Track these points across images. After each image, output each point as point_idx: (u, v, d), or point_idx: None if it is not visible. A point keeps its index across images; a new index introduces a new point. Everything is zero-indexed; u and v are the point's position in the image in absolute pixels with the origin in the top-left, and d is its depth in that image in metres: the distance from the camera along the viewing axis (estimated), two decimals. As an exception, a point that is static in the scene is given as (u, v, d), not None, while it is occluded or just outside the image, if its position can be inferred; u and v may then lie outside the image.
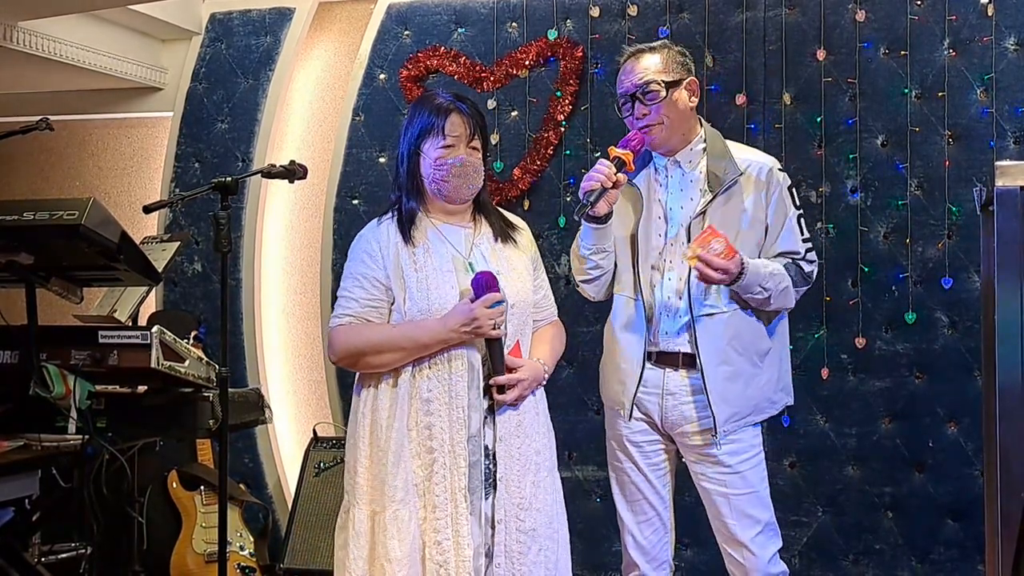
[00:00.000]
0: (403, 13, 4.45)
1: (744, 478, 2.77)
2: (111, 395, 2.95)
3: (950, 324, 3.81)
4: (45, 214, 2.55)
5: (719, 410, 2.70)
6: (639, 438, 2.83)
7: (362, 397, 2.52)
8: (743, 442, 2.77)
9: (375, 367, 2.47)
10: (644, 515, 2.86)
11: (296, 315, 4.69)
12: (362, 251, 2.55)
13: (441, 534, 2.40)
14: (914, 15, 3.84)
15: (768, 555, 2.78)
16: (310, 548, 4.17)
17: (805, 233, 2.80)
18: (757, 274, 2.66)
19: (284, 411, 4.66)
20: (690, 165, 2.81)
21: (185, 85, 4.72)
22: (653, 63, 2.76)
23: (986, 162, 3.72)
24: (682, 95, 2.77)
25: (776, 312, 2.80)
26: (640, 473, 2.84)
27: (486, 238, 2.59)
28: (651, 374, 2.78)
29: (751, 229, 2.75)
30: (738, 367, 2.73)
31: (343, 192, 4.50)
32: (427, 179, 2.52)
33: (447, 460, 2.42)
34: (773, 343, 2.81)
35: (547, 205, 4.23)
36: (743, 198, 2.75)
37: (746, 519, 2.76)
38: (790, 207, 2.78)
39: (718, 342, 2.71)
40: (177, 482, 4.16)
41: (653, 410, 2.79)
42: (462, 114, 2.51)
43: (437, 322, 2.43)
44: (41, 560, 3.79)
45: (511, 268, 2.57)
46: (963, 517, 3.78)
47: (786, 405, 2.88)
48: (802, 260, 2.77)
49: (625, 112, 2.80)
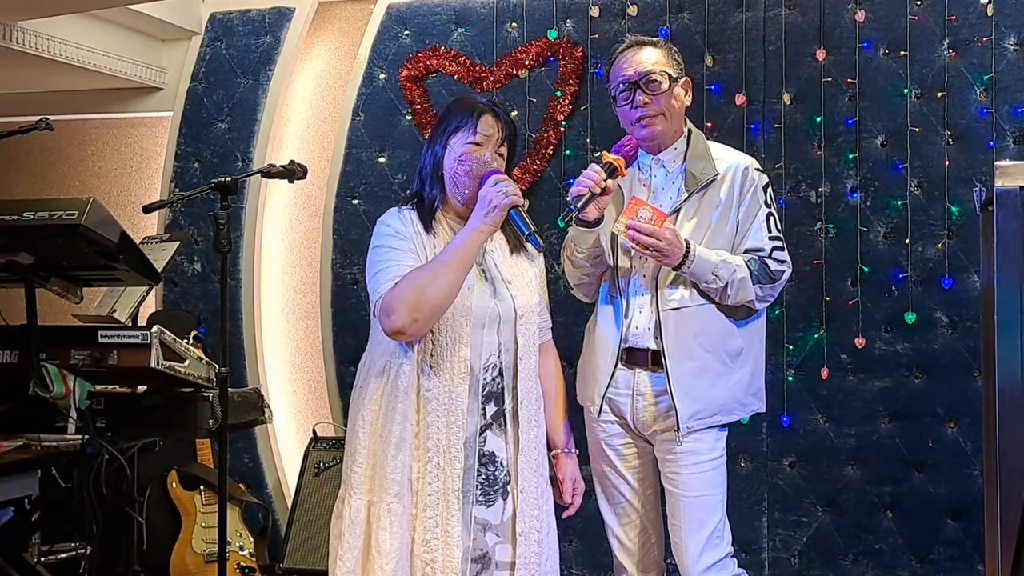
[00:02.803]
0: (403, 13, 4.45)
1: (698, 479, 2.72)
2: (111, 395, 2.96)
3: (950, 324, 3.81)
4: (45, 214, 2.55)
5: (682, 406, 2.67)
6: (615, 441, 2.83)
7: (366, 387, 2.51)
8: (704, 442, 2.73)
9: (441, 301, 2.37)
10: (627, 517, 2.84)
11: (296, 315, 4.69)
12: (389, 232, 2.49)
13: (430, 533, 2.40)
14: (914, 15, 3.84)
15: (709, 562, 2.71)
16: (310, 548, 4.17)
17: (774, 231, 2.75)
18: (707, 260, 2.64)
19: (284, 411, 4.66)
20: (673, 164, 2.80)
21: (185, 85, 4.72)
22: (657, 55, 2.74)
23: (986, 162, 3.73)
24: (680, 91, 2.77)
25: (748, 311, 2.77)
26: (619, 475, 2.83)
27: (500, 247, 2.58)
28: (622, 375, 2.76)
29: (722, 226, 2.74)
30: (704, 363, 2.70)
31: (343, 192, 4.50)
32: (448, 173, 2.50)
33: (441, 461, 2.41)
34: (746, 343, 2.77)
35: (547, 205, 4.24)
36: (718, 197, 2.74)
37: (693, 522, 2.72)
38: (761, 206, 2.75)
39: (683, 337, 2.69)
40: (177, 482, 4.16)
41: (626, 411, 2.78)
42: (497, 117, 2.49)
43: (464, 228, 2.42)
44: (40, 560, 3.79)
45: (522, 278, 2.56)
46: (962, 517, 3.78)
47: (755, 411, 2.83)
48: (768, 258, 2.72)
49: (622, 101, 2.75)
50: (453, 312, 2.43)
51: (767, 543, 3.95)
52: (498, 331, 2.49)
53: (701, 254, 2.65)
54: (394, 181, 4.42)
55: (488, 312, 2.47)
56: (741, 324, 2.77)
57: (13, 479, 2.98)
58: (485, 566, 2.46)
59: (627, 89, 2.73)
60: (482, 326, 2.47)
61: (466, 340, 2.44)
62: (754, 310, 2.77)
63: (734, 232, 2.75)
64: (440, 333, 2.44)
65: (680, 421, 2.67)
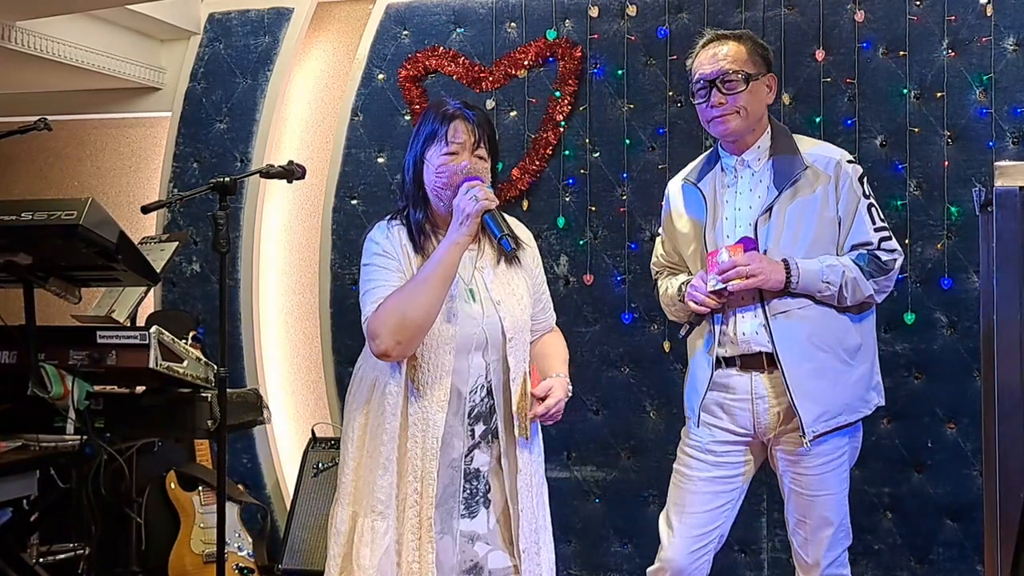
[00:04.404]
0: (402, 13, 4.45)
1: (823, 480, 2.73)
2: (109, 395, 2.96)
3: (949, 324, 3.81)
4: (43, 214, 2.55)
5: (804, 409, 2.61)
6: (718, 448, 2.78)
7: (358, 397, 2.51)
8: (829, 443, 2.71)
9: (421, 321, 2.35)
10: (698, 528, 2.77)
11: (295, 315, 4.69)
12: (377, 250, 2.48)
13: (411, 556, 2.40)
14: (913, 15, 3.84)
15: (834, 556, 2.79)
16: (308, 549, 4.17)
17: (878, 222, 2.70)
18: (811, 271, 2.62)
19: (283, 411, 4.66)
20: (758, 163, 2.75)
21: (183, 85, 4.72)
22: (737, 51, 2.70)
23: (985, 162, 3.72)
24: (761, 89, 2.72)
25: (862, 305, 2.71)
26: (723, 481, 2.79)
27: (489, 262, 2.52)
28: (739, 380, 2.71)
29: (822, 224, 2.69)
30: (822, 363, 2.65)
31: (341, 192, 4.50)
32: (429, 187, 2.47)
33: (419, 486, 2.40)
34: (863, 338, 2.73)
35: (546, 205, 4.23)
36: (811, 193, 2.69)
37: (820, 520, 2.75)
38: (860, 198, 2.70)
39: (796, 338, 2.64)
40: (175, 482, 4.16)
41: (744, 417, 2.73)
42: (467, 121, 2.45)
43: (442, 242, 2.39)
44: (39, 561, 3.79)
45: (512, 294, 2.51)
46: (962, 517, 3.78)
47: (877, 405, 2.79)
48: (877, 250, 2.68)
49: (699, 98, 2.72)
50: (437, 341, 2.40)
51: (767, 543, 3.94)
52: (485, 354, 2.47)
53: (804, 266, 2.62)
54: (393, 181, 4.42)
55: (475, 338, 2.44)
56: (857, 319, 2.72)
57: (12, 480, 2.98)
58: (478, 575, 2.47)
59: (704, 87, 2.71)
60: (468, 352, 2.44)
61: (449, 368, 2.41)
62: (870, 304, 2.73)
63: (836, 229, 2.71)
64: (423, 360, 2.42)
65: (805, 426, 2.63)
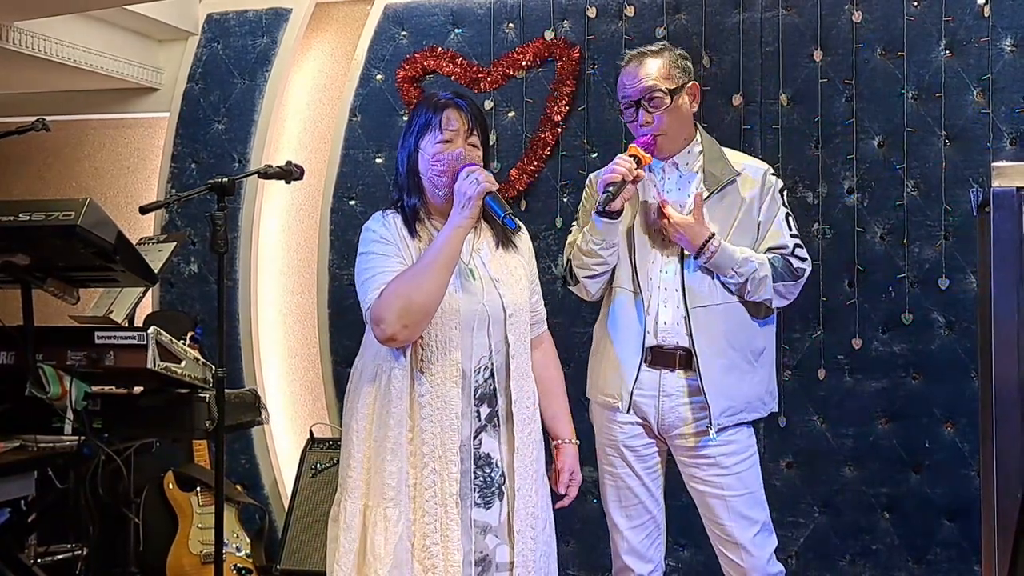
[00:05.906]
0: (400, 14, 4.45)
1: (740, 479, 2.78)
2: (107, 396, 2.96)
3: (947, 325, 3.81)
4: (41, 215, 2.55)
5: (715, 402, 2.71)
6: (634, 442, 2.84)
7: (359, 391, 2.50)
8: (738, 443, 2.78)
9: (427, 305, 2.36)
10: (639, 519, 2.86)
11: (293, 316, 4.69)
12: (375, 238, 2.49)
13: (430, 538, 2.39)
14: (911, 16, 3.84)
15: (766, 555, 2.79)
16: (306, 549, 4.17)
17: (793, 230, 2.84)
18: (730, 256, 2.72)
19: (281, 412, 4.66)
20: (687, 167, 2.85)
21: (181, 86, 4.72)
22: (656, 68, 2.77)
23: (983, 163, 3.73)
24: (684, 100, 2.80)
25: (767, 310, 2.83)
26: (636, 477, 2.85)
27: (487, 244, 2.57)
28: (647, 376, 2.78)
29: (745, 227, 2.80)
30: (733, 361, 2.76)
31: (340, 193, 4.50)
32: (425, 176, 2.49)
33: (437, 466, 2.40)
34: (766, 343, 2.85)
35: (544, 206, 4.23)
36: (739, 197, 2.80)
37: (743, 520, 2.77)
38: (780, 207, 2.84)
39: (714, 334, 2.74)
40: (173, 483, 4.16)
41: (650, 412, 2.79)
42: (459, 109, 2.48)
43: (445, 226, 2.41)
44: (37, 561, 3.79)
45: (511, 275, 2.55)
46: (960, 517, 3.78)
47: (771, 411, 2.90)
48: (791, 255, 2.80)
49: (628, 117, 2.82)
50: (442, 316, 2.42)
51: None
52: (488, 332, 2.48)
53: (727, 247, 2.73)
54: (391, 182, 4.42)
55: (477, 314, 2.46)
56: (763, 324, 2.84)
57: (9, 480, 2.98)
58: (486, 568, 2.46)
59: (630, 107, 2.79)
60: (471, 328, 2.45)
61: (456, 343, 2.43)
62: (773, 310, 2.84)
63: (755, 232, 2.82)
64: (430, 338, 2.43)
65: (712, 417, 2.71)
